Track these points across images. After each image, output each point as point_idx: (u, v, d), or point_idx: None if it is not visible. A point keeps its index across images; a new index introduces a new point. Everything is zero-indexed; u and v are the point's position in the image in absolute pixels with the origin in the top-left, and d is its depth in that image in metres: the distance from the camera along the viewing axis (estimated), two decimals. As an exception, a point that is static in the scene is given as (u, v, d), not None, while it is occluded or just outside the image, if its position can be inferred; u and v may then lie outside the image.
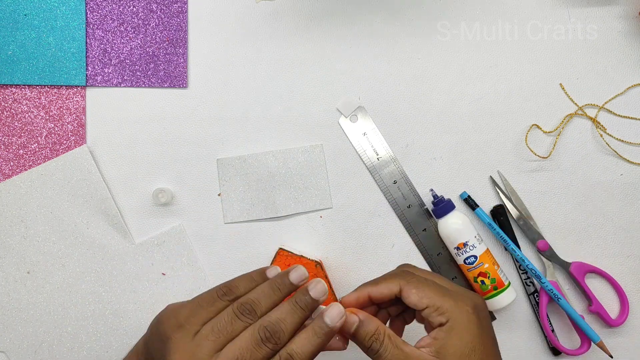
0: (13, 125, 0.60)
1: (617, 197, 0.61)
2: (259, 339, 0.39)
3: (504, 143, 0.61)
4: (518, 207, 0.60)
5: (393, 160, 0.61)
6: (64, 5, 0.60)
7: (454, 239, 0.57)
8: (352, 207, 0.61)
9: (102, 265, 0.60)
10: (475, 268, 0.56)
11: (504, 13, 0.61)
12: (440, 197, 0.59)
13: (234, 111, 0.61)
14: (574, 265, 0.60)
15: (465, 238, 0.56)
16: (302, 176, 0.60)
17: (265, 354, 0.39)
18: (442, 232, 0.58)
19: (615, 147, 0.61)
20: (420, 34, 0.61)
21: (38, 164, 0.60)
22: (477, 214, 0.59)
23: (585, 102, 0.61)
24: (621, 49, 0.61)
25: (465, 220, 0.57)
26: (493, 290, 0.57)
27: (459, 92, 0.61)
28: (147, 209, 0.61)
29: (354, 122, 0.61)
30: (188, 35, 0.61)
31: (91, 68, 0.60)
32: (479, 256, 0.56)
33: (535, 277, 0.58)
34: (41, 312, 0.60)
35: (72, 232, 0.59)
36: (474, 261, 0.56)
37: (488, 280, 0.56)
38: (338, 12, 0.61)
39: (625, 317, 0.59)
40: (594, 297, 0.59)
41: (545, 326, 0.59)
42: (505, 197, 0.60)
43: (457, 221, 0.57)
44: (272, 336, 0.39)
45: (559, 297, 0.58)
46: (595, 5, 0.61)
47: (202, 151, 0.61)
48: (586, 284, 0.60)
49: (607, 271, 0.60)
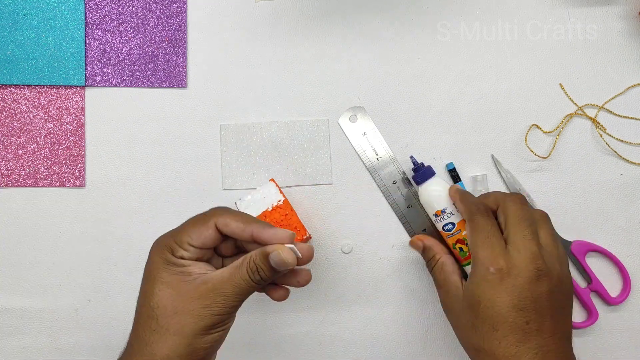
0: (12, 126, 0.60)
1: (617, 197, 0.61)
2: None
3: (503, 143, 0.61)
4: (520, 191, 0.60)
5: (393, 161, 0.60)
6: (63, 5, 0.60)
7: (434, 205, 0.56)
8: (351, 207, 0.61)
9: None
10: (453, 235, 0.56)
11: (504, 13, 0.61)
12: (420, 163, 0.58)
13: (233, 111, 0.61)
14: (574, 243, 0.60)
15: (443, 205, 0.56)
16: (304, 149, 0.60)
17: None
18: (422, 198, 0.57)
19: (615, 147, 0.61)
20: (420, 34, 0.61)
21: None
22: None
23: (585, 102, 0.61)
24: (621, 49, 0.61)
25: (445, 186, 0.57)
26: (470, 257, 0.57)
27: (459, 92, 0.61)
28: (147, 208, 0.60)
29: (354, 122, 0.61)
30: (187, 35, 0.60)
31: (90, 68, 0.60)
32: (456, 223, 0.56)
33: None
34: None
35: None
36: (452, 228, 0.56)
37: (466, 247, 0.56)
38: (338, 12, 0.61)
39: (627, 295, 0.60)
40: (594, 276, 0.60)
41: None
42: (504, 181, 0.60)
43: (437, 187, 0.57)
44: None
45: None
46: (595, 5, 0.61)
47: (201, 151, 0.61)
48: (586, 262, 0.60)
49: (609, 249, 0.60)
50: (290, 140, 0.60)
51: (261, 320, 0.60)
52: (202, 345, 0.42)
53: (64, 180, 0.60)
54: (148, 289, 0.43)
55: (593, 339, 0.61)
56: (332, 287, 0.60)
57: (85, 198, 0.61)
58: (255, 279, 0.42)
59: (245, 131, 0.60)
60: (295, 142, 0.60)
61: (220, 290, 0.42)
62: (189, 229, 0.44)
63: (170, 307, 0.41)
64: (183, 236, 0.44)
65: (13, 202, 0.60)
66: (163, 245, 0.44)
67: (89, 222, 0.61)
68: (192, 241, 0.44)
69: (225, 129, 0.60)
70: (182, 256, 0.43)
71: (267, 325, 0.60)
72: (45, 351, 0.60)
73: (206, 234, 0.44)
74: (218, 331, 0.43)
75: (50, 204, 0.60)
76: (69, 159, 0.60)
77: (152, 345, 0.41)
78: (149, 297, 0.42)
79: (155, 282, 0.42)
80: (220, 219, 0.44)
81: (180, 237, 0.44)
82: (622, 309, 0.61)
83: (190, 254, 0.43)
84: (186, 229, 0.44)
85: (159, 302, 0.42)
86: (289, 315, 0.60)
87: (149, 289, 0.43)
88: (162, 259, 0.43)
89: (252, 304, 0.60)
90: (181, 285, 0.42)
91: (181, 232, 0.44)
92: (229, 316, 0.43)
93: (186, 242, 0.43)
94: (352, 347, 0.60)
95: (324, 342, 0.60)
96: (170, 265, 0.43)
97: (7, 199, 0.60)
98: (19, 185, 0.60)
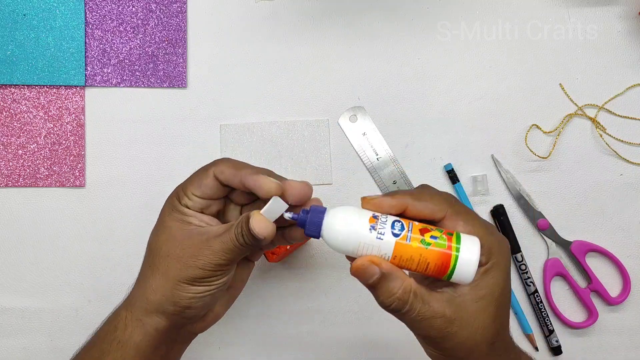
0: (12, 126, 0.60)
1: (617, 197, 0.61)
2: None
3: (503, 143, 0.61)
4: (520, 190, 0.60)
5: (393, 161, 0.60)
6: (63, 5, 0.60)
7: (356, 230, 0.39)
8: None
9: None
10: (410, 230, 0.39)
11: (504, 13, 0.61)
12: (298, 214, 0.41)
13: (233, 111, 0.61)
14: (574, 243, 0.60)
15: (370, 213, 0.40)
16: (304, 149, 0.60)
17: None
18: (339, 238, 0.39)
19: (615, 147, 0.61)
20: (420, 34, 0.61)
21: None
22: (456, 189, 0.60)
23: (585, 102, 0.61)
24: (621, 49, 0.61)
25: (351, 210, 0.40)
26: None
27: (459, 92, 0.61)
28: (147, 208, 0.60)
29: (354, 122, 0.61)
30: (187, 35, 0.60)
31: (90, 68, 0.60)
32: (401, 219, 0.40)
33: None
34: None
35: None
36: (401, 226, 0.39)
37: (438, 232, 0.41)
38: (338, 12, 0.61)
39: (627, 295, 0.60)
40: (594, 276, 0.60)
41: (552, 303, 0.60)
42: (504, 181, 0.60)
43: (345, 215, 0.40)
44: None
45: None
46: (595, 5, 0.61)
47: (201, 151, 0.61)
48: (586, 262, 0.60)
49: (609, 249, 0.61)
50: (290, 140, 0.60)
51: (261, 320, 0.60)
52: (184, 294, 0.42)
53: (64, 180, 0.60)
54: (154, 230, 0.45)
55: (593, 339, 0.61)
56: (333, 287, 0.60)
57: (85, 198, 0.60)
58: (240, 242, 0.42)
59: (245, 131, 0.60)
60: (295, 142, 0.60)
61: (211, 244, 0.42)
62: (193, 178, 0.45)
63: (164, 249, 0.43)
64: (188, 185, 0.45)
65: (13, 202, 0.60)
66: (174, 192, 0.46)
67: (89, 222, 0.60)
68: (194, 190, 0.44)
69: (225, 129, 0.60)
70: (187, 205, 0.44)
71: (268, 325, 0.60)
72: (45, 351, 0.60)
73: (205, 183, 0.44)
74: (202, 285, 0.43)
75: (50, 204, 0.60)
76: (69, 159, 0.60)
77: (146, 280, 0.44)
78: (152, 237, 0.45)
79: (160, 225, 0.45)
80: (217, 168, 0.44)
81: (185, 186, 0.45)
82: (622, 309, 0.61)
83: (194, 203, 0.44)
84: (190, 178, 0.45)
85: (157, 243, 0.44)
86: (289, 315, 0.60)
87: (154, 231, 0.45)
88: (170, 205, 0.45)
89: (252, 304, 0.60)
90: (179, 232, 0.43)
91: (187, 182, 0.45)
92: (214, 272, 0.42)
93: (190, 192, 0.44)
94: (352, 347, 0.60)
95: (324, 342, 0.60)
96: (175, 212, 0.44)
97: (7, 199, 0.60)
98: (19, 185, 0.60)
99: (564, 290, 0.61)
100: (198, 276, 0.42)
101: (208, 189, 0.44)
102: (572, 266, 0.61)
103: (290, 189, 0.42)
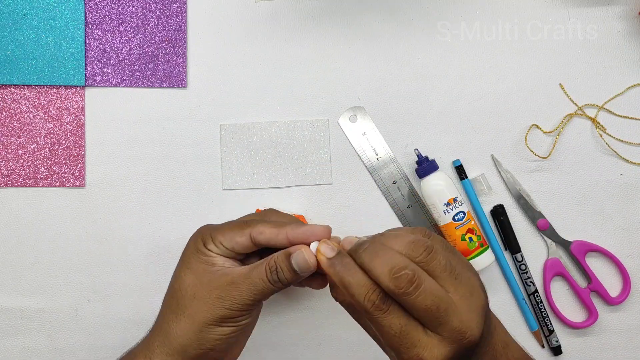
0: (12, 126, 0.60)
1: (617, 197, 0.61)
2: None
3: (503, 143, 0.61)
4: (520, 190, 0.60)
5: (393, 161, 0.61)
6: (63, 5, 0.60)
7: (440, 197, 0.56)
8: (351, 207, 0.61)
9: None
10: (464, 224, 0.56)
11: (504, 13, 0.61)
12: (424, 157, 0.58)
13: (233, 111, 0.61)
14: (574, 243, 0.60)
15: (455, 194, 0.56)
16: (304, 149, 0.60)
17: None
18: (426, 190, 0.57)
19: (615, 147, 0.61)
20: (420, 34, 0.61)
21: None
22: (464, 185, 0.60)
23: (585, 102, 0.61)
24: (621, 49, 0.61)
25: (449, 181, 0.57)
26: (480, 247, 0.57)
27: (459, 92, 0.61)
28: (147, 208, 0.60)
29: (354, 122, 0.61)
30: (187, 35, 0.60)
31: (90, 68, 0.60)
32: (466, 212, 0.56)
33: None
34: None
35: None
36: (462, 217, 0.56)
37: (475, 236, 0.56)
38: (338, 12, 0.61)
39: (627, 295, 0.60)
40: (594, 276, 0.60)
41: (552, 303, 0.60)
42: (504, 181, 0.60)
43: (440, 182, 0.57)
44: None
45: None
46: (595, 5, 0.61)
47: (201, 151, 0.61)
48: (586, 262, 0.60)
49: (609, 249, 0.60)
50: (290, 140, 0.60)
51: (261, 320, 0.60)
52: (211, 336, 0.43)
53: (64, 180, 0.60)
54: (177, 272, 0.46)
55: (593, 339, 0.61)
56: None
57: (85, 198, 0.60)
58: (273, 279, 0.43)
59: (245, 131, 0.60)
60: (295, 142, 0.60)
61: (237, 285, 0.43)
62: (225, 230, 0.45)
63: (190, 291, 0.43)
64: (218, 234, 0.45)
65: (13, 202, 0.60)
66: (200, 234, 0.46)
67: (89, 222, 0.60)
68: (225, 242, 0.45)
69: (225, 129, 0.60)
70: (211, 249, 0.45)
71: (268, 325, 0.60)
72: (44, 351, 0.60)
73: (238, 241, 0.45)
74: (229, 326, 0.43)
75: (50, 204, 0.60)
76: (69, 159, 0.60)
77: (169, 324, 0.44)
78: (175, 279, 0.45)
79: (184, 266, 0.45)
80: (255, 229, 0.44)
81: (215, 233, 0.45)
82: (622, 309, 0.61)
83: (219, 251, 0.45)
84: (224, 228, 0.46)
85: (181, 285, 0.44)
86: (289, 315, 0.60)
87: (177, 272, 0.45)
88: (195, 246, 0.45)
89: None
90: (204, 274, 0.44)
91: (219, 229, 0.46)
92: (241, 313, 0.43)
93: (219, 241, 0.45)
94: (352, 347, 0.60)
95: (324, 342, 0.60)
96: (200, 254, 0.45)
97: (7, 199, 0.60)
98: (19, 185, 0.60)
99: (564, 290, 0.61)
100: (225, 316, 0.43)
101: (240, 248, 0.45)
102: (572, 266, 0.61)
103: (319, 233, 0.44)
